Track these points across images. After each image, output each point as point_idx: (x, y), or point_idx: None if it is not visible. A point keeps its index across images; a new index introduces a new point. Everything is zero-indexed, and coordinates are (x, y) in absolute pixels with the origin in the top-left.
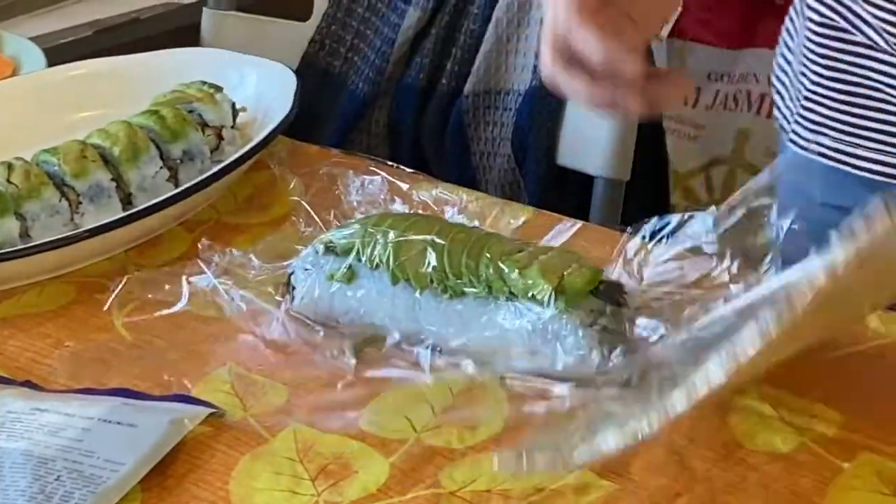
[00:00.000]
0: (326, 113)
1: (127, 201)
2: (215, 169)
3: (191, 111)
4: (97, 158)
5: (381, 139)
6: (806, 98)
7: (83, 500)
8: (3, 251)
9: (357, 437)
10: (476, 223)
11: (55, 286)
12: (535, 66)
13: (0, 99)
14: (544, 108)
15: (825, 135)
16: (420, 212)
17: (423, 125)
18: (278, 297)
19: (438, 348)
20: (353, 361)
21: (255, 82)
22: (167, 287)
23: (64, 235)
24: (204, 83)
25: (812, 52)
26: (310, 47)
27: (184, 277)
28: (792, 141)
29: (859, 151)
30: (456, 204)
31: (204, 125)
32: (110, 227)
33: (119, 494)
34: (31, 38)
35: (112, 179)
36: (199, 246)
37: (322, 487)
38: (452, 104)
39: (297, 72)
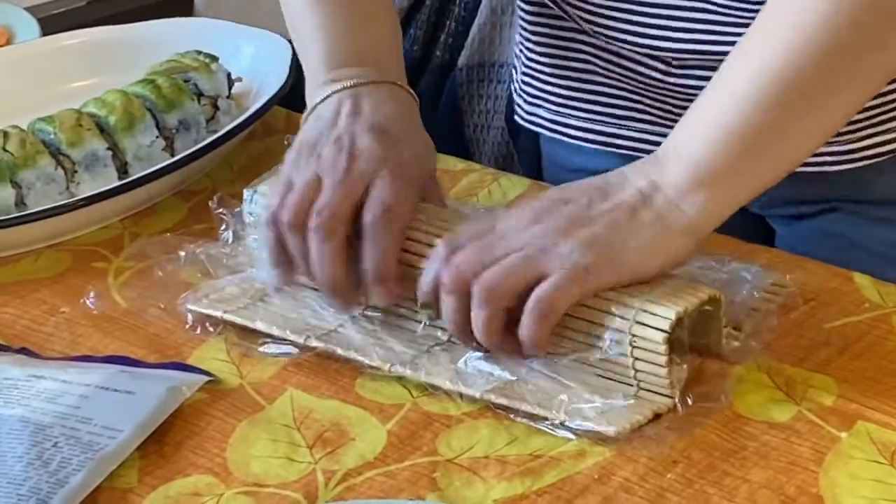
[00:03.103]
0: None
1: (123, 170)
2: (211, 139)
3: (186, 81)
4: (93, 127)
5: None
6: (524, 73)
7: (81, 466)
8: None
9: (354, 402)
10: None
11: (51, 254)
12: None
13: None
14: None
15: (542, 107)
16: None
17: (417, 97)
18: None
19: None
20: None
21: (250, 52)
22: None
23: (59, 204)
24: (199, 53)
25: (525, 30)
26: None
27: (181, 253)
28: (517, 115)
29: (573, 122)
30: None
31: (199, 95)
32: (106, 195)
33: (117, 461)
34: (26, 8)
35: (108, 148)
36: (210, 204)
37: (319, 455)
38: (446, 76)
39: (292, 42)
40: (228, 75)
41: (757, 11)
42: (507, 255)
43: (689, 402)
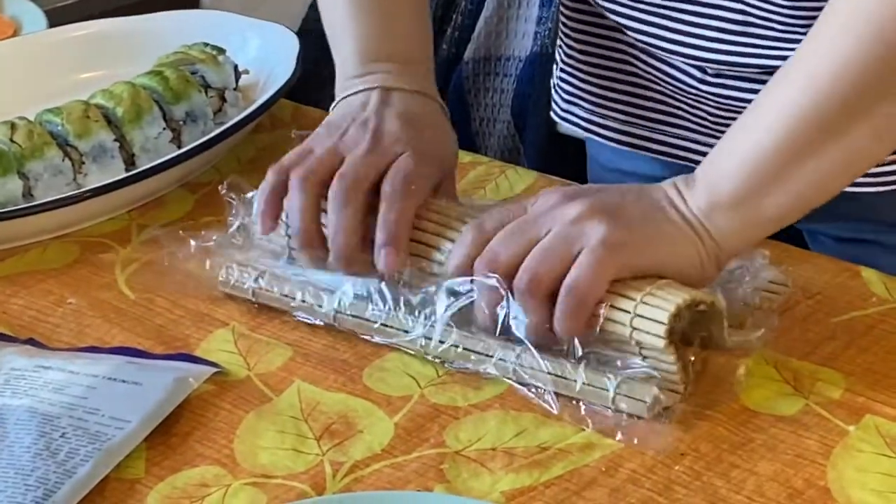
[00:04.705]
0: (328, 76)
1: (130, 162)
2: (218, 131)
3: (194, 73)
4: (100, 119)
5: None
6: (562, 70)
7: (89, 456)
8: (5, 210)
9: (361, 394)
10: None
11: (58, 246)
12: (536, 33)
13: (3, 59)
14: (545, 74)
15: (578, 105)
16: None
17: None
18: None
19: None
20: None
21: (257, 45)
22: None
23: (67, 195)
24: (206, 45)
25: (566, 26)
26: (310, 11)
27: (192, 241)
28: (553, 111)
29: (608, 122)
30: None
31: (207, 87)
32: (113, 187)
33: (124, 451)
34: (32, 0)
35: (115, 140)
36: (220, 189)
37: (327, 447)
38: (453, 70)
39: (299, 35)
40: (235, 67)
41: (796, 26)
42: (537, 235)
43: (697, 395)
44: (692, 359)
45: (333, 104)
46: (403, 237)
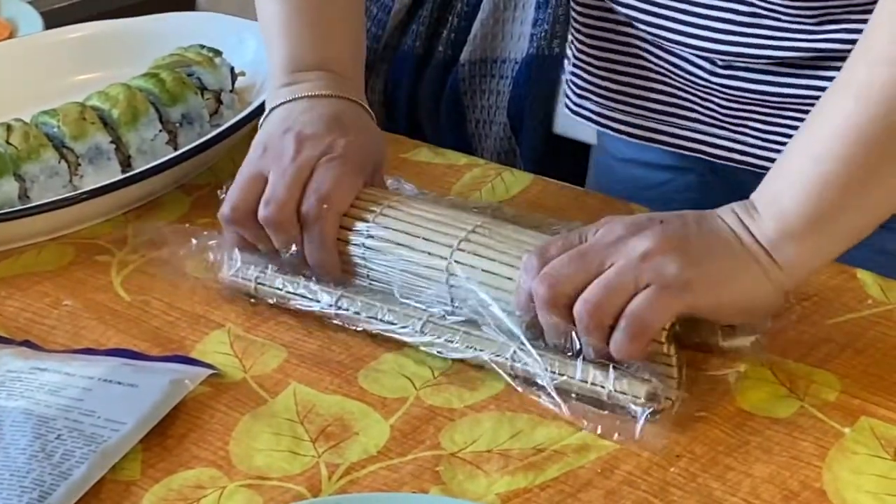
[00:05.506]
0: None
1: (126, 164)
2: (214, 133)
3: (190, 75)
4: (96, 121)
5: (377, 106)
6: (574, 65)
7: (84, 458)
8: (1, 212)
9: (357, 396)
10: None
11: (54, 247)
12: (532, 35)
13: None
14: (541, 76)
15: (590, 99)
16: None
17: (420, 93)
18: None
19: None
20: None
21: (254, 47)
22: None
23: (63, 197)
24: (203, 47)
25: (577, 20)
26: None
27: (193, 240)
28: (567, 106)
29: (619, 115)
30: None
31: (203, 89)
32: (109, 189)
33: (120, 453)
34: (29, 2)
35: (111, 142)
36: (219, 194)
37: (322, 449)
38: (449, 72)
39: None
40: (232, 69)
41: (803, 17)
42: (601, 267)
43: (693, 397)
44: (685, 363)
45: (263, 117)
46: (329, 259)
